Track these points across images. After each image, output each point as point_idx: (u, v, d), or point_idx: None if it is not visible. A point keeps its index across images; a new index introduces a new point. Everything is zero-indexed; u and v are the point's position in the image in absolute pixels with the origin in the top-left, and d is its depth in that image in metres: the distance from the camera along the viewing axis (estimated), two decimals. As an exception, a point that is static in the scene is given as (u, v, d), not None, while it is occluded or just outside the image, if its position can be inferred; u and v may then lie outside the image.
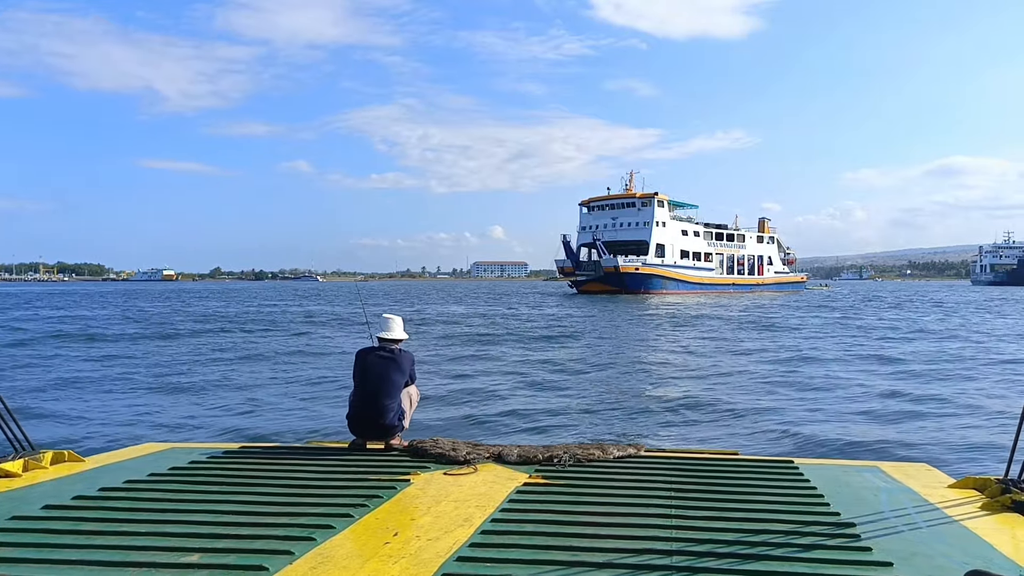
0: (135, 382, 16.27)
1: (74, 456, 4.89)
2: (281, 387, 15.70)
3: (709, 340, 26.37)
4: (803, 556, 3.04)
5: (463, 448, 5.05)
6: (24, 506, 3.76)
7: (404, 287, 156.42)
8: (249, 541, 3.21)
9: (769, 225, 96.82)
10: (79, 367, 18.90)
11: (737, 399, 13.85)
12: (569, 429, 11.31)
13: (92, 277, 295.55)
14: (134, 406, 13.36)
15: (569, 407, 13.14)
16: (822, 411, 12.70)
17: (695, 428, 11.43)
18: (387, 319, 5.58)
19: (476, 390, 15.00)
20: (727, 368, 18.58)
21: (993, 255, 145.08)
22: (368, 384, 5.29)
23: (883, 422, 11.84)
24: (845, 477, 4.53)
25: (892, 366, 19.06)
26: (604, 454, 4.95)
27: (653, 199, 78.41)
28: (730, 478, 4.43)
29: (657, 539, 3.25)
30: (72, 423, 11.90)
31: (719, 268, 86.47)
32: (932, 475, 4.63)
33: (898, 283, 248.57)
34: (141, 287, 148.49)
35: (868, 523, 3.52)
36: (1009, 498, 3.81)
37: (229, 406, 13.40)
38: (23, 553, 3.06)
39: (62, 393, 14.79)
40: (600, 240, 77.79)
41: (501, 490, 4.18)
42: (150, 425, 11.77)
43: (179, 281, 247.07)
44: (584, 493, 4.10)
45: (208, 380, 16.59)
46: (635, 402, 13.70)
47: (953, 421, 11.97)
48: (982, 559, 3.03)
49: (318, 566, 2.96)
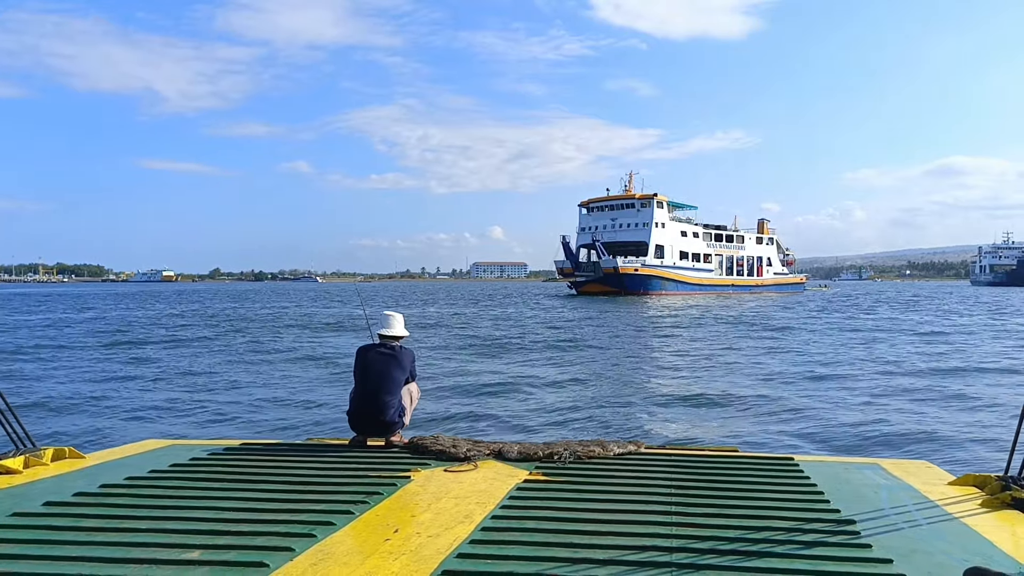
0: (136, 381, 16.27)
1: (75, 453, 4.89)
2: (282, 384, 15.70)
3: (708, 339, 26.36)
4: (803, 553, 3.04)
5: (463, 445, 5.05)
6: (25, 503, 3.76)
7: (405, 288, 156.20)
8: (250, 538, 3.21)
9: (768, 226, 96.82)
10: (80, 367, 18.89)
11: (737, 397, 13.86)
12: (569, 426, 11.31)
13: (91, 278, 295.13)
14: (135, 404, 13.36)
15: (569, 405, 13.14)
16: (822, 408, 12.71)
17: (695, 425, 11.43)
18: (388, 316, 5.58)
19: (476, 389, 15.00)
20: (726, 366, 18.60)
21: (992, 255, 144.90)
22: (369, 381, 5.29)
23: (883, 419, 11.84)
24: (845, 474, 4.52)
25: (892, 364, 19.07)
26: (604, 451, 4.95)
27: (652, 200, 78.37)
28: (730, 475, 4.43)
29: (658, 536, 3.25)
30: (73, 420, 11.91)
31: (718, 269, 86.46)
32: (932, 472, 4.63)
33: (897, 283, 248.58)
34: (140, 288, 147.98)
35: (868, 520, 3.52)
36: (1009, 495, 3.81)
37: (230, 403, 13.40)
38: (24, 550, 3.06)
39: (64, 390, 14.79)
40: (599, 241, 77.70)
41: (501, 487, 4.18)
42: (151, 422, 11.79)
43: (178, 282, 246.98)
44: (584, 490, 4.10)
45: (209, 379, 16.59)
46: (635, 400, 13.71)
47: (953, 418, 11.98)
48: (982, 556, 3.03)
49: (319, 562, 2.96)
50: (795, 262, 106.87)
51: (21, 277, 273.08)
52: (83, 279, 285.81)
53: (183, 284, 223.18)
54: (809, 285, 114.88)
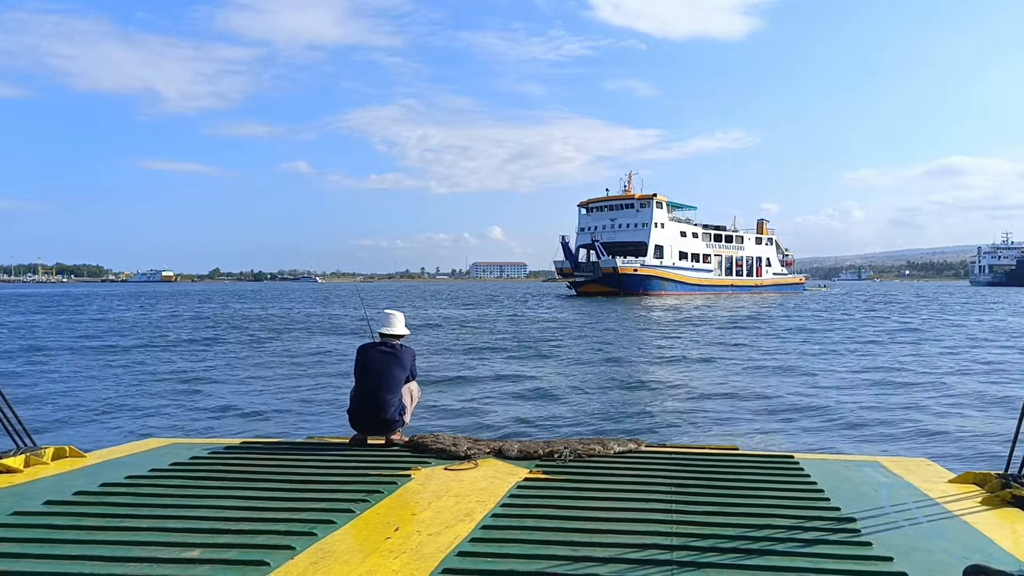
0: (138, 381, 16.27)
1: (75, 452, 4.89)
2: (282, 383, 15.71)
3: (708, 339, 26.37)
4: (803, 551, 3.05)
5: (464, 443, 5.06)
6: (25, 501, 3.76)
7: (405, 288, 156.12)
8: (250, 536, 3.22)
9: (767, 226, 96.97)
10: (82, 366, 18.89)
11: (737, 395, 13.88)
12: (569, 424, 11.32)
13: (91, 278, 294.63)
14: (136, 403, 13.36)
15: (569, 403, 13.15)
16: (822, 406, 12.72)
17: (695, 423, 11.44)
18: (388, 315, 5.57)
19: (476, 388, 15.01)
20: (726, 365, 18.61)
21: (992, 256, 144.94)
22: (369, 379, 5.29)
23: (883, 417, 11.85)
24: (845, 472, 4.53)
25: (892, 362, 19.08)
26: (605, 449, 4.95)
27: (652, 200, 78.37)
28: (731, 473, 4.43)
29: (658, 534, 3.26)
30: (74, 419, 11.91)
31: (718, 269, 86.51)
32: (932, 470, 4.63)
33: (896, 283, 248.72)
34: (141, 289, 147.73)
35: (868, 518, 3.52)
36: (1009, 493, 3.81)
37: (230, 402, 13.41)
38: (25, 548, 3.06)
39: (64, 389, 14.79)
40: (599, 241, 77.61)
41: (502, 485, 4.18)
42: (152, 421, 11.79)
43: (178, 282, 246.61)
44: (585, 488, 4.10)
45: (210, 378, 16.60)
46: (635, 398, 13.72)
47: (953, 416, 11.99)
48: (982, 554, 3.03)
49: (319, 561, 2.96)
50: (794, 262, 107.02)
51: (20, 277, 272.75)
52: (82, 279, 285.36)
53: (183, 284, 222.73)
54: (809, 285, 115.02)
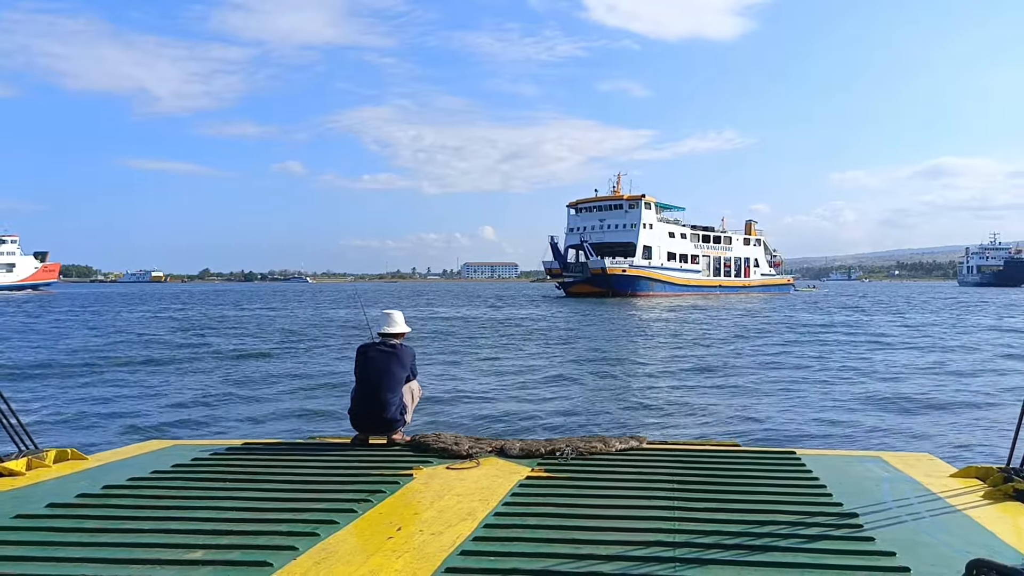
0: (139, 381, 16.19)
1: (77, 454, 4.87)
2: (283, 384, 15.67)
3: (704, 338, 26.45)
4: (806, 547, 3.06)
5: (465, 442, 5.05)
6: (28, 504, 3.73)
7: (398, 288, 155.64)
8: (253, 537, 3.21)
9: (756, 227, 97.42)
10: (82, 366, 18.77)
11: (737, 392, 13.93)
12: (571, 423, 11.32)
13: (80, 279, 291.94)
14: (137, 405, 13.30)
15: (570, 402, 13.17)
16: (823, 402, 12.78)
17: (697, 420, 11.47)
18: (388, 314, 5.56)
19: (476, 387, 15.00)
20: (725, 363, 18.67)
21: (980, 256, 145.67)
22: (369, 379, 5.27)
23: (885, 412, 11.91)
24: (847, 467, 4.54)
25: (892, 360, 19.18)
26: (606, 447, 4.95)
27: (640, 201, 78.33)
28: (733, 469, 4.44)
29: (661, 531, 3.26)
30: (75, 421, 11.85)
31: (706, 270, 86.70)
32: (934, 464, 4.65)
33: (886, 283, 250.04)
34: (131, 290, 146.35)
35: (871, 513, 3.54)
36: (1012, 487, 3.83)
37: (232, 404, 13.37)
38: (27, 551, 3.04)
39: (64, 392, 14.70)
40: (587, 242, 77.50)
41: (504, 484, 4.18)
42: (153, 423, 11.74)
43: (167, 283, 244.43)
44: (587, 486, 4.11)
45: (210, 379, 16.54)
46: (635, 396, 13.76)
47: (955, 410, 12.05)
48: (985, 548, 3.04)
49: (322, 561, 2.95)
50: (783, 263, 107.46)
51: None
52: (71, 279, 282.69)
53: (173, 285, 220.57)
54: (799, 285, 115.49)
